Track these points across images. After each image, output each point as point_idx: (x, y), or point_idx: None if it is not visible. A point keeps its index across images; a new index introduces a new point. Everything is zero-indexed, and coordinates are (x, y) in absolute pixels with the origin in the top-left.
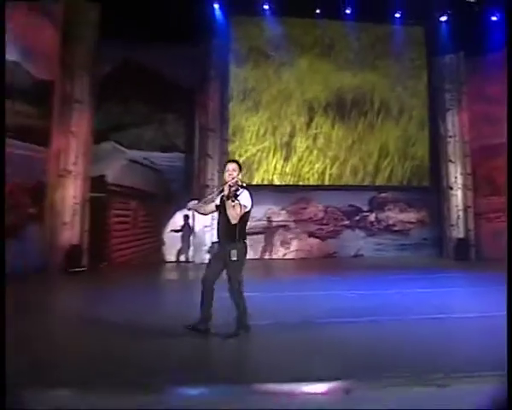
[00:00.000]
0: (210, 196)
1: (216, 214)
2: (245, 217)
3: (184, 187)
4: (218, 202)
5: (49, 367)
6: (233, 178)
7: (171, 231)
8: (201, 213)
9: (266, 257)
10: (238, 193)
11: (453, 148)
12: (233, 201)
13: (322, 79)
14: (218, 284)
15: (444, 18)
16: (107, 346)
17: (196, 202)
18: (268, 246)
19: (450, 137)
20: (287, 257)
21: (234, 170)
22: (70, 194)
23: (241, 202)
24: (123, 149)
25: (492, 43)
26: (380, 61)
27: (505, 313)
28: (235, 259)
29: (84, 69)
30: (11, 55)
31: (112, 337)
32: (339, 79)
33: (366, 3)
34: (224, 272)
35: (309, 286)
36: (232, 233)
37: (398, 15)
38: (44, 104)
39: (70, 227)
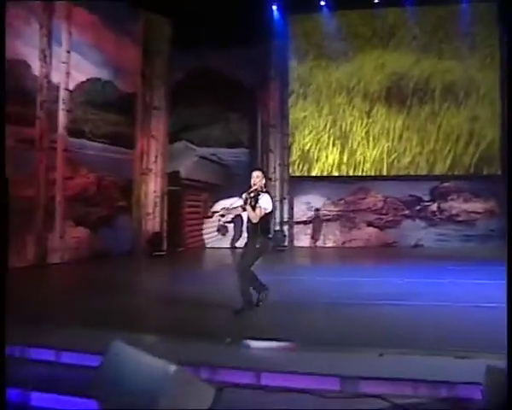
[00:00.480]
0: (232, 205)
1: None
2: (266, 217)
3: (249, 180)
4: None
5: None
6: (254, 185)
7: (225, 223)
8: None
9: (325, 245)
10: (259, 198)
11: None
12: (253, 205)
13: (381, 68)
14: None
15: None
16: (179, 311)
17: (227, 206)
18: (327, 235)
19: None
20: (346, 245)
21: (257, 177)
22: (151, 189)
23: (262, 206)
24: (193, 147)
25: None
26: (445, 45)
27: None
28: (257, 246)
29: (161, 79)
30: (104, 75)
31: (184, 306)
32: (399, 68)
33: None
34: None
35: (361, 273)
36: (255, 229)
37: None
38: (129, 113)
39: (152, 217)
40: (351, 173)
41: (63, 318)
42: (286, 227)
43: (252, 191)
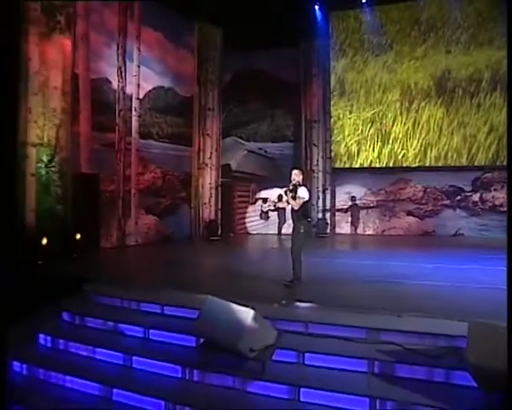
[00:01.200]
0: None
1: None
2: (304, 205)
3: None
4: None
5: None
6: (293, 180)
7: (268, 210)
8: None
9: (365, 233)
10: (298, 189)
11: None
12: (293, 196)
13: (422, 62)
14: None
15: None
16: (243, 282)
17: (272, 201)
18: (366, 223)
19: None
20: (385, 234)
21: (295, 174)
22: (207, 181)
23: (300, 195)
24: (243, 142)
25: None
26: (490, 33)
27: None
28: (302, 231)
29: (214, 83)
30: (166, 83)
31: (240, 279)
32: (440, 61)
33: None
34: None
35: (397, 258)
36: (298, 216)
37: None
38: (187, 115)
39: (208, 206)
40: (391, 165)
41: (153, 283)
42: (328, 215)
43: (292, 185)
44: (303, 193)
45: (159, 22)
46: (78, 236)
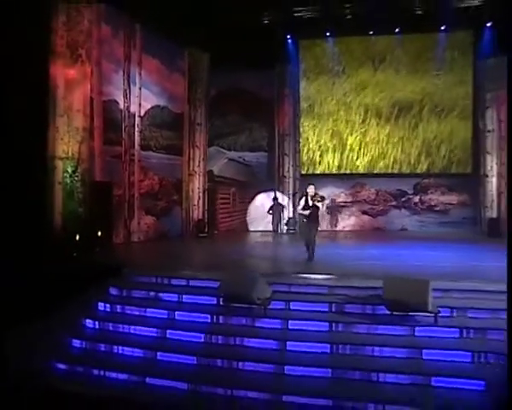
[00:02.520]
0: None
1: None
2: (317, 209)
3: (268, 177)
4: (310, 202)
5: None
6: (310, 191)
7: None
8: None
9: (328, 229)
10: (319, 199)
11: (491, 141)
12: (318, 200)
13: (375, 87)
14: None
15: (489, 24)
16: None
17: (300, 207)
18: (329, 220)
19: (489, 131)
20: (345, 229)
21: (311, 188)
22: (196, 186)
23: (320, 203)
24: (224, 150)
25: None
26: (426, 66)
27: None
28: (315, 224)
29: (201, 101)
30: (162, 102)
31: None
32: (392, 87)
33: (413, 17)
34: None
35: (354, 247)
36: (314, 215)
37: (443, 28)
38: (179, 129)
39: (197, 208)
40: (348, 172)
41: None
42: (297, 214)
43: (313, 196)
44: (322, 203)
45: (156, 50)
46: (99, 233)
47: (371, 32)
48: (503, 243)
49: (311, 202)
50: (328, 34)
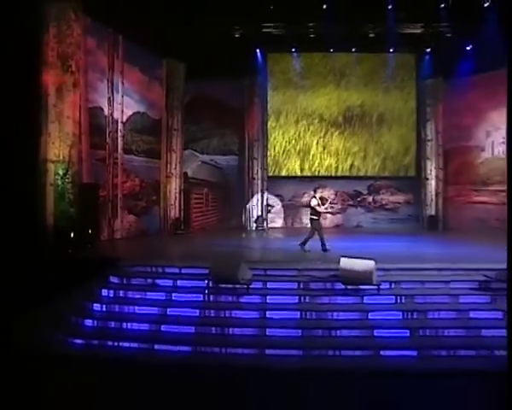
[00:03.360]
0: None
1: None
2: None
3: (238, 179)
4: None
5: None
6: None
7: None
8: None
9: (293, 226)
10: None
11: (430, 149)
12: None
13: (334, 99)
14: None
15: (428, 49)
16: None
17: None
18: (294, 218)
19: (429, 140)
20: (308, 226)
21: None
22: (173, 187)
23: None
24: (197, 154)
25: (463, 69)
26: (379, 83)
27: None
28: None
29: (178, 108)
30: (142, 109)
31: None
32: (349, 99)
33: (367, 39)
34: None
35: (313, 240)
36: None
37: (392, 50)
38: (157, 134)
39: (173, 207)
40: (310, 174)
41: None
42: (265, 213)
43: (321, 198)
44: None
45: (137, 60)
46: (90, 230)
47: (332, 50)
48: (439, 236)
49: (317, 203)
50: (293, 50)
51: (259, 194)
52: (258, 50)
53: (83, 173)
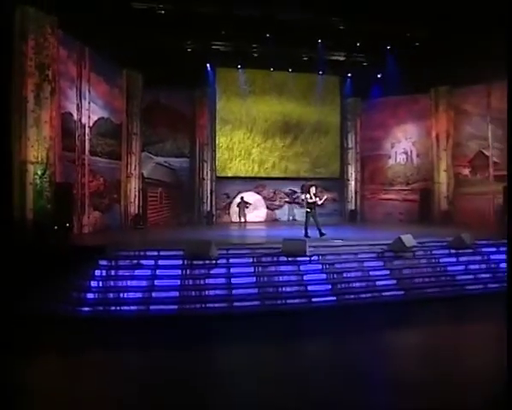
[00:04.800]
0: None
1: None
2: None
3: (189, 179)
4: (311, 196)
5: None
6: (312, 190)
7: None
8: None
9: (238, 221)
10: (319, 195)
11: (351, 156)
12: (319, 197)
13: (274, 110)
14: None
15: (349, 74)
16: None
17: (308, 196)
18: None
19: (350, 148)
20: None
21: (313, 188)
22: (132, 186)
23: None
24: (152, 156)
25: (375, 92)
26: (312, 99)
27: None
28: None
29: (137, 113)
30: (105, 114)
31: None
32: (286, 111)
33: (301, 61)
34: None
35: (262, 231)
36: (314, 207)
37: (321, 72)
38: (118, 138)
39: (133, 204)
40: (252, 175)
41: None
42: (214, 209)
43: (316, 193)
44: (323, 199)
45: (101, 69)
46: (67, 224)
47: (272, 69)
48: (356, 225)
49: (312, 197)
50: (239, 66)
51: (209, 192)
52: (208, 64)
53: (56, 173)
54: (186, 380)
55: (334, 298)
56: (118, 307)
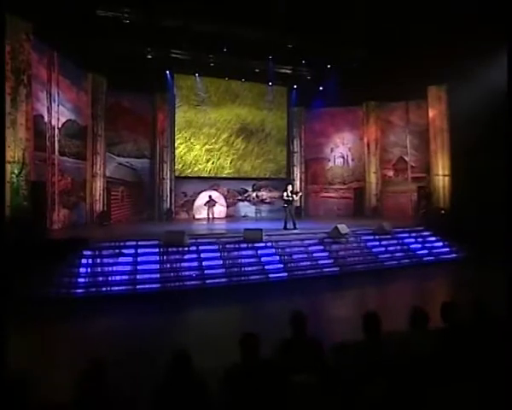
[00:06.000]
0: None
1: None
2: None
3: (150, 179)
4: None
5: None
6: (289, 188)
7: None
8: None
9: (196, 217)
10: (297, 192)
11: (296, 158)
12: (296, 194)
13: (229, 115)
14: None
15: (295, 85)
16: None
17: (285, 194)
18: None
19: (295, 152)
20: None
21: (290, 186)
22: (98, 185)
23: (298, 195)
24: (114, 156)
25: (317, 103)
26: (263, 106)
27: None
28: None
29: (101, 116)
30: (73, 116)
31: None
32: (239, 117)
33: (253, 72)
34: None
35: (221, 223)
36: (292, 202)
37: (270, 83)
38: (84, 139)
39: (98, 202)
40: (208, 175)
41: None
42: (173, 207)
43: (293, 190)
44: (298, 195)
45: (68, 73)
46: (44, 221)
47: (227, 78)
48: (301, 220)
49: (290, 194)
50: (197, 74)
51: (168, 191)
52: (167, 71)
53: (31, 173)
54: (169, 333)
55: (286, 274)
56: (108, 288)
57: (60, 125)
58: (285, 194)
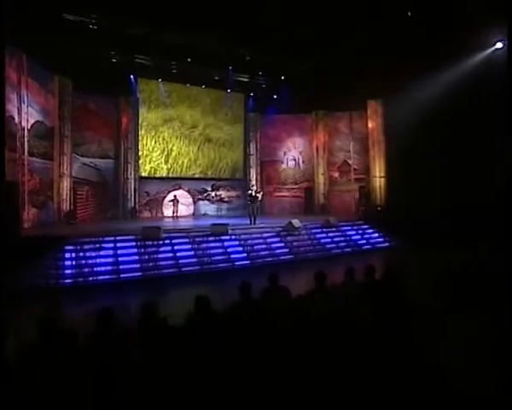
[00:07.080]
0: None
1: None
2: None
3: (114, 179)
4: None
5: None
6: (253, 187)
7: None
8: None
9: (160, 215)
10: (259, 191)
11: (253, 160)
12: (258, 193)
13: (190, 118)
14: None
15: (251, 93)
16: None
17: (250, 192)
18: (160, 210)
19: (251, 155)
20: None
21: (254, 185)
22: (65, 185)
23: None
24: (79, 157)
25: (272, 110)
26: (222, 110)
27: None
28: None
29: (68, 117)
30: (40, 118)
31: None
32: (200, 121)
33: (212, 79)
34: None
35: (188, 221)
36: (255, 199)
37: (229, 90)
38: (51, 139)
39: (65, 202)
40: (170, 176)
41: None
42: (137, 206)
43: (256, 189)
44: (260, 194)
45: (36, 75)
46: (18, 220)
47: (188, 85)
48: (259, 217)
49: (254, 193)
50: (160, 79)
51: (132, 191)
52: (131, 75)
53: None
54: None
55: (249, 262)
56: (95, 278)
57: (29, 127)
58: (249, 192)
